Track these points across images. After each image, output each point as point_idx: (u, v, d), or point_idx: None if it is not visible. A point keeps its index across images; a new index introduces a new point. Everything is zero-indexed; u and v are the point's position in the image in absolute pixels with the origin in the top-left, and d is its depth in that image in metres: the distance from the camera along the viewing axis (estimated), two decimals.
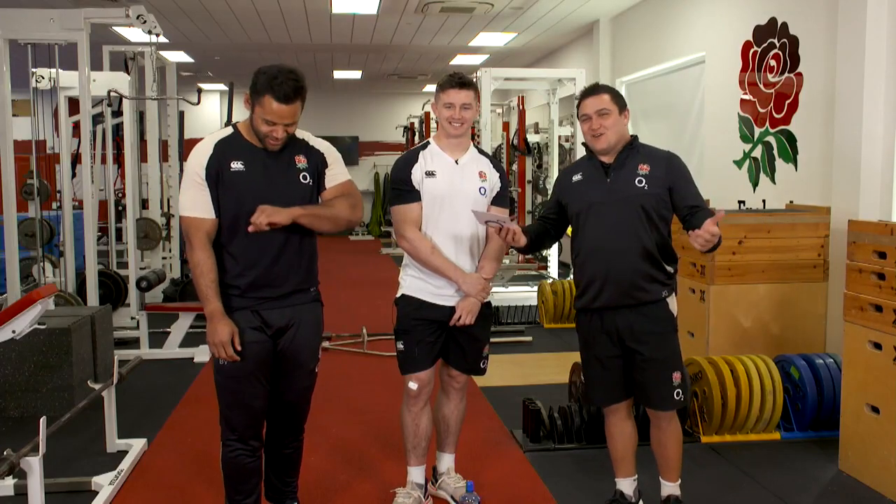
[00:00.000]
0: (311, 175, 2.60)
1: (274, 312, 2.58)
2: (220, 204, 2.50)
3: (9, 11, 4.96)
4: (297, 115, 2.49)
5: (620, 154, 2.78)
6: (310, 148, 2.64)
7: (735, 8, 5.91)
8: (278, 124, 2.45)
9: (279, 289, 2.58)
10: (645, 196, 2.69)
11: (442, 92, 2.85)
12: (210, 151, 2.51)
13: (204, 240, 2.50)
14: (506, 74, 7.49)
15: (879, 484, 3.26)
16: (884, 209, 4.29)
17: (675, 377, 2.77)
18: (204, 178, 2.48)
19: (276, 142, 2.50)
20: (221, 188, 2.49)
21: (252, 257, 2.53)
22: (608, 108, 2.73)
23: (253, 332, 2.55)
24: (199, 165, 2.49)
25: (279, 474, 2.84)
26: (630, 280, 2.72)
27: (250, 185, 2.50)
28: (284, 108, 2.42)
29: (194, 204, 2.50)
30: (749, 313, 4.39)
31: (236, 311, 2.54)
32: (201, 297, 2.51)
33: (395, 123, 14.85)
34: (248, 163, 2.52)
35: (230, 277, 2.55)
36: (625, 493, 2.97)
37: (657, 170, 2.73)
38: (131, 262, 5.94)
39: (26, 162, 6.44)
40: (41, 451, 2.67)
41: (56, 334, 4.24)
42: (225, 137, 2.56)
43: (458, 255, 2.88)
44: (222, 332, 2.47)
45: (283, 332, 2.62)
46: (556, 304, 6.55)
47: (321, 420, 3.90)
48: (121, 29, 8.38)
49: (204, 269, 2.49)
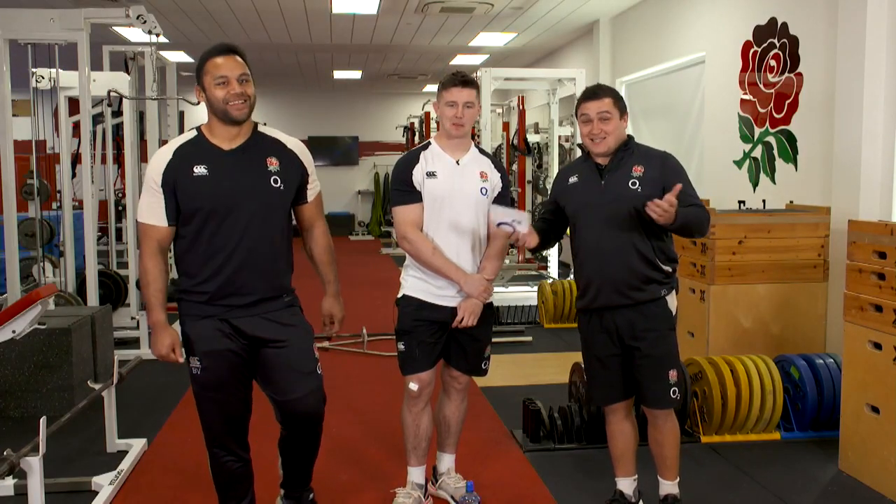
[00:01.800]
0: (285, 180, 2.51)
1: (244, 321, 2.49)
2: (181, 210, 2.43)
3: (9, 11, 4.96)
4: (245, 68, 2.42)
5: (615, 156, 2.78)
6: (284, 150, 2.55)
7: (735, 8, 5.91)
8: (230, 78, 2.38)
9: (246, 297, 2.48)
10: (638, 197, 2.68)
11: (444, 90, 2.84)
12: (169, 157, 2.44)
13: (154, 247, 2.46)
14: (506, 74, 7.48)
15: (879, 484, 3.26)
16: (884, 209, 4.30)
17: (672, 375, 2.78)
18: (160, 185, 2.42)
19: (238, 100, 2.39)
20: (182, 195, 2.42)
21: (217, 264, 2.44)
22: (610, 113, 2.73)
23: (224, 340, 2.48)
24: (157, 172, 2.42)
25: (293, 466, 2.78)
26: (626, 281, 2.73)
27: (214, 189, 2.42)
28: (227, 58, 2.40)
29: (148, 210, 2.45)
30: (749, 313, 4.39)
31: (205, 319, 2.48)
32: (146, 305, 2.47)
33: (395, 123, 14.85)
34: (213, 167, 2.43)
35: (195, 284, 2.47)
36: (625, 492, 2.97)
37: (651, 171, 2.73)
38: (131, 262, 5.94)
39: (26, 162, 6.44)
40: (41, 451, 2.67)
41: (56, 334, 4.24)
42: (187, 142, 2.49)
43: (460, 256, 2.88)
44: (162, 342, 2.46)
45: (264, 341, 2.53)
46: (556, 304, 6.55)
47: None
48: (121, 29, 8.38)
49: (150, 277, 2.45)
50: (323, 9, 8.03)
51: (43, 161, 6.67)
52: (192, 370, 2.51)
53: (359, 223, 15.69)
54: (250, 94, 2.43)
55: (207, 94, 2.42)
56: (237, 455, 2.63)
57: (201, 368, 2.50)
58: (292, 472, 2.80)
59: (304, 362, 2.60)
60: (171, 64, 7.89)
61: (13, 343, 3.63)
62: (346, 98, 15.76)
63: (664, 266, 2.77)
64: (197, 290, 2.48)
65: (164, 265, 2.48)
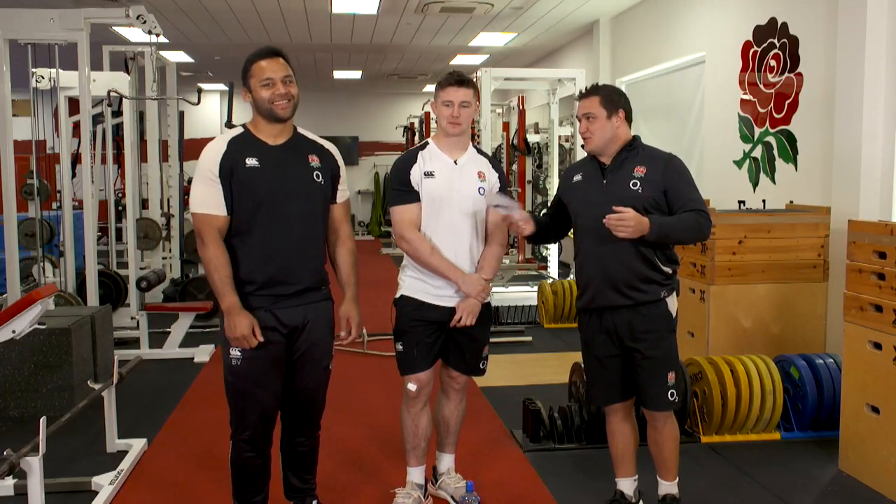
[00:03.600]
0: (325, 176, 2.65)
1: (288, 311, 2.59)
2: (235, 199, 2.52)
3: (9, 11, 4.96)
4: (288, 70, 2.55)
5: (618, 156, 2.79)
6: (322, 149, 2.69)
7: (735, 8, 5.91)
8: (275, 79, 2.50)
9: (293, 286, 2.59)
10: (638, 199, 2.68)
11: (441, 90, 2.85)
12: (224, 149, 2.54)
13: (215, 235, 2.52)
14: (506, 74, 7.49)
15: (879, 484, 3.26)
16: (884, 209, 4.29)
17: (670, 377, 2.77)
18: (217, 175, 2.50)
19: (282, 100, 2.52)
20: (236, 184, 2.51)
21: (268, 253, 2.55)
22: (594, 113, 2.75)
23: (268, 333, 2.55)
24: (213, 162, 2.51)
25: (297, 472, 2.85)
26: (625, 281, 2.73)
27: (266, 180, 2.54)
28: (271, 61, 2.52)
29: (205, 200, 2.52)
30: (749, 313, 4.39)
31: (252, 311, 2.54)
32: (216, 292, 2.52)
33: (395, 123, 14.85)
34: (263, 159, 2.55)
35: (245, 273, 2.55)
36: (625, 493, 2.97)
37: (653, 172, 2.73)
38: (131, 262, 5.93)
39: (26, 162, 6.45)
40: (41, 451, 2.67)
41: (56, 334, 4.24)
42: (237, 135, 2.60)
43: (458, 256, 2.88)
44: (242, 324, 2.48)
45: (298, 331, 2.63)
46: (556, 304, 6.55)
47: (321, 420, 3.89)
48: (121, 29, 8.38)
49: (217, 264, 2.50)
50: (323, 9, 8.03)
51: (43, 161, 6.67)
52: (231, 360, 2.57)
53: (359, 223, 15.70)
54: (294, 94, 2.56)
55: (254, 95, 2.54)
56: (259, 451, 2.67)
57: (241, 359, 2.55)
58: (294, 475, 2.84)
59: (324, 358, 2.73)
60: (171, 64, 7.90)
61: (13, 343, 3.63)
62: (346, 98, 15.76)
63: (664, 267, 2.76)
64: (247, 281, 2.55)
65: (226, 252, 2.53)
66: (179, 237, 7.54)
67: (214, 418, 4.20)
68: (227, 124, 7.75)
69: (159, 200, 7.51)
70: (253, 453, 2.65)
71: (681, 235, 2.70)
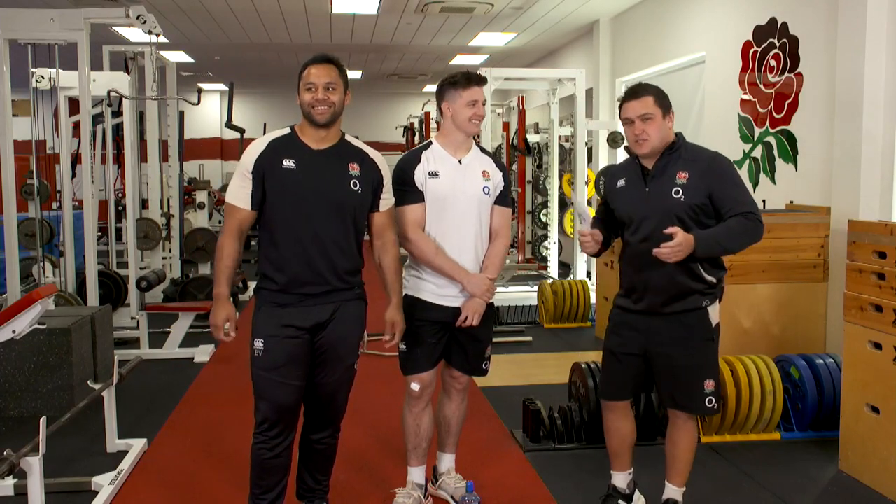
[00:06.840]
0: (364, 185, 2.67)
1: (315, 309, 2.63)
2: (268, 199, 2.60)
3: (9, 11, 4.96)
4: (334, 77, 2.59)
5: (660, 160, 2.70)
6: (365, 158, 2.71)
7: (735, 8, 5.91)
8: (317, 85, 2.56)
9: (321, 286, 2.62)
10: (681, 207, 2.63)
11: (462, 90, 2.82)
12: (262, 149, 2.62)
13: (234, 227, 2.62)
14: (506, 74, 7.48)
15: (879, 484, 3.26)
16: (884, 209, 4.29)
17: (708, 385, 2.73)
18: (251, 173, 2.60)
19: (321, 106, 2.56)
20: (270, 184, 2.59)
21: (297, 252, 2.59)
22: (652, 113, 2.65)
23: (288, 329, 2.60)
24: (250, 160, 2.61)
25: (312, 472, 2.86)
26: (668, 291, 2.69)
27: (300, 182, 2.59)
28: (319, 68, 2.58)
29: (236, 193, 2.63)
30: (749, 313, 4.39)
31: (277, 307, 2.60)
32: (214, 278, 2.62)
33: (395, 123, 14.86)
34: (300, 162, 2.61)
35: (274, 270, 2.61)
36: (618, 486, 2.98)
37: (695, 177, 2.64)
38: (131, 262, 5.94)
39: (26, 162, 6.45)
40: (41, 451, 2.68)
41: (56, 334, 4.24)
42: (280, 136, 2.67)
43: (462, 255, 2.87)
44: (218, 315, 2.57)
45: (323, 326, 2.65)
46: (556, 304, 6.55)
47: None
48: (121, 29, 8.38)
49: (223, 253, 2.61)
50: (323, 9, 8.04)
51: (43, 161, 6.68)
52: (255, 352, 2.62)
53: None
54: (335, 101, 2.60)
55: (299, 98, 2.62)
56: (273, 445, 2.67)
57: (263, 350, 2.60)
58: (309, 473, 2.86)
59: (348, 356, 2.76)
60: (171, 64, 7.90)
61: (13, 343, 3.63)
62: None
63: (708, 276, 2.68)
64: (274, 278, 2.62)
65: (239, 247, 2.65)
66: (179, 237, 7.53)
67: (214, 418, 4.21)
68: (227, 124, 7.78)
69: (159, 200, 7.52)
70: (265, 446, 2.66)
71: (728, 245, 2.63)
